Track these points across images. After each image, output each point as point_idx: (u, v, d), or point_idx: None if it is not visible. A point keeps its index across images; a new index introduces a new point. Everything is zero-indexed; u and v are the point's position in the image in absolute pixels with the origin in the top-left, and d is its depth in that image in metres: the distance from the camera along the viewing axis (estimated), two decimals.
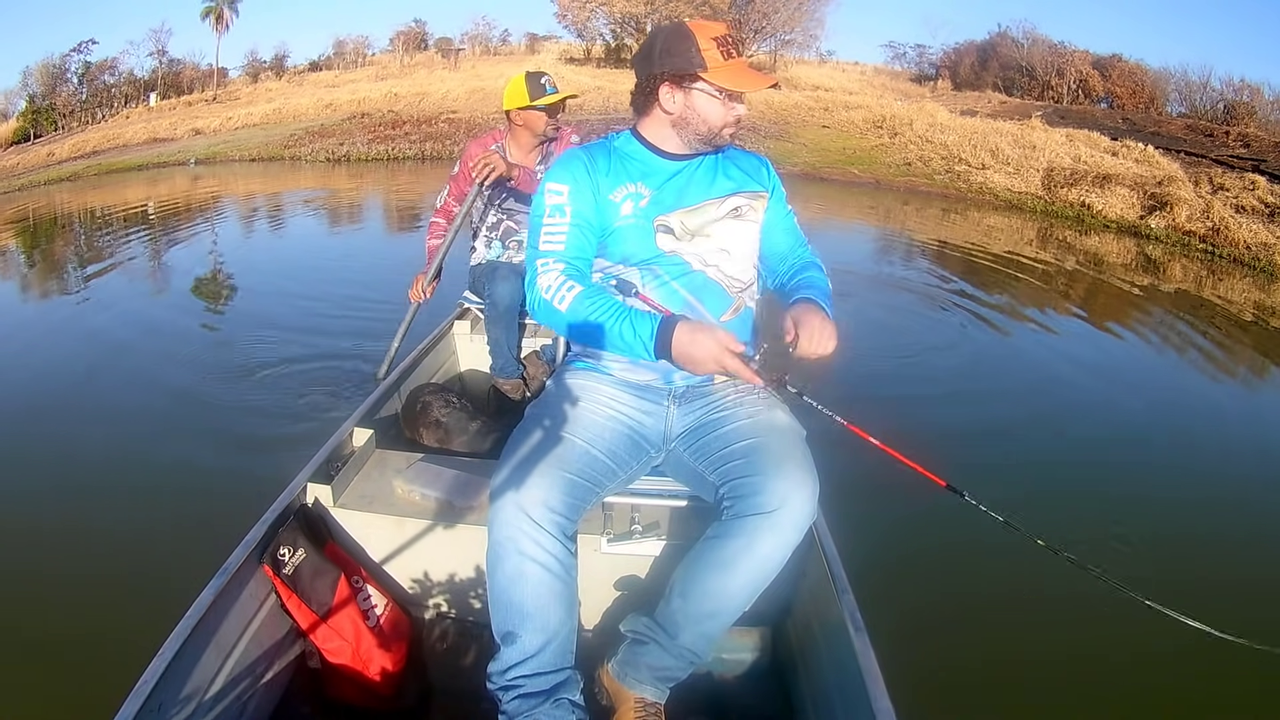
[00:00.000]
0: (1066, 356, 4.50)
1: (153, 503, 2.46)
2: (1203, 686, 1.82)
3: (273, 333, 4.22)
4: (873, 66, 32.97)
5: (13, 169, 18.82)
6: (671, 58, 1.23)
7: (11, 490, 2.59)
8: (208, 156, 16.16)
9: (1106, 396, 3.81)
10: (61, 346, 4.37)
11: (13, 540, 2.27)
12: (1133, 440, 3.25)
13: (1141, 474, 2.94)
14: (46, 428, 3.09)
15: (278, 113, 21.37)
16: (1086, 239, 9.15)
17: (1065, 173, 11.36)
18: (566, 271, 1.24)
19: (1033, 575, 2.06)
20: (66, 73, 29.21)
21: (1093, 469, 2.92)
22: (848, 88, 24.60)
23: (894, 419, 2.71)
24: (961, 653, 1.88)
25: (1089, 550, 1.90)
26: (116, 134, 21.34)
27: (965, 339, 4.74)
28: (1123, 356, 4.69)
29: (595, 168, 1.30)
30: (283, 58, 36.14)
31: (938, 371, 4.00)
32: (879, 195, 11.96)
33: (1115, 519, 2.47)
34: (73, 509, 2.44)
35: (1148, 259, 8.25)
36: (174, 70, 32.98)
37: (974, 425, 3.27)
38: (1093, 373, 4.21)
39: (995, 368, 4.34)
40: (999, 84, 26.25)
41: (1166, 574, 2.18)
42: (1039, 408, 3.56)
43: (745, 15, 27.05)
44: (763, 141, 14.53)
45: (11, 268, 7.30)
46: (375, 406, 1.84)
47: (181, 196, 11.55)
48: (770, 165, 1.44)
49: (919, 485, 1.23)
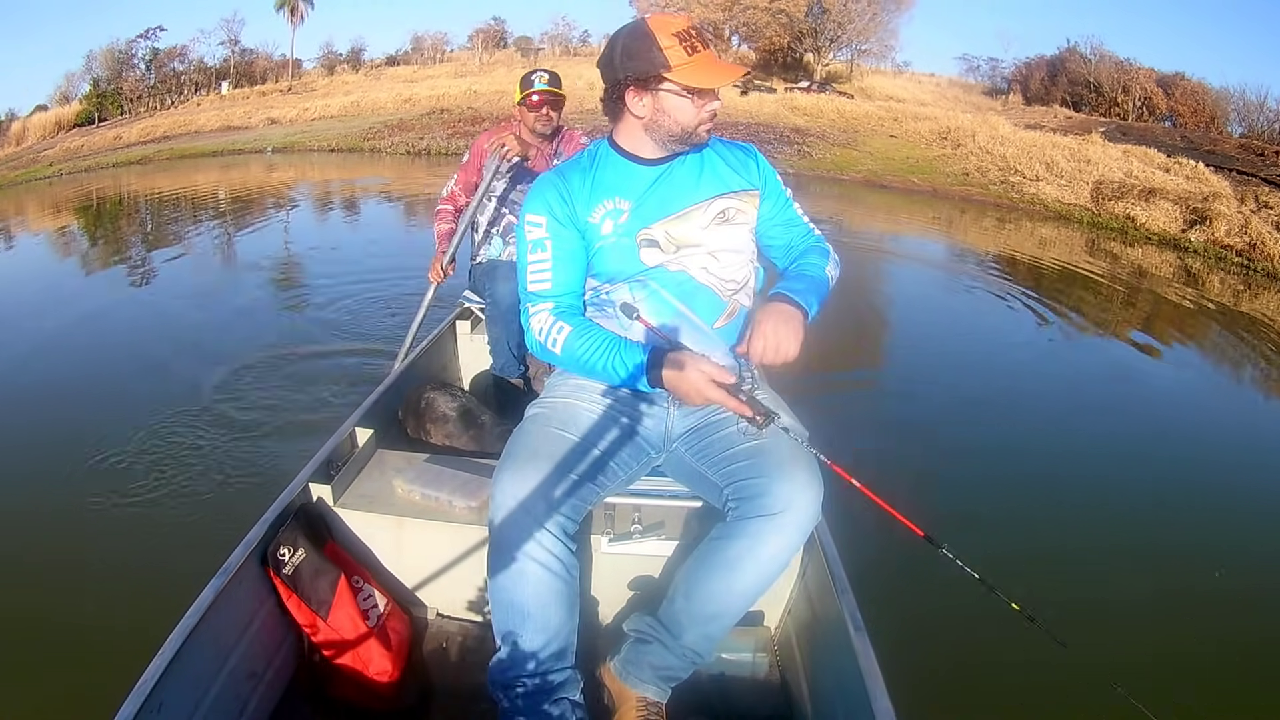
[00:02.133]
0: (1123, 372, 4.54)
1: (153, 502, 2.46)
2: (1204, 686, 1.83)
3: (300, 326, 4.24)
4: (948, 79, 33.13)
5: (77, 150, 19.17)
6: (632, 60, 1.16)
7: (12, 489, 2.59)
8: (285, 145, 16.56)
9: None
10: (69, 334, 4.38)
11: (13, 540, 2.27)
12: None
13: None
14: (48, 425, 3.09)
15: (356, 105, 21.66)
16: (1130, 250, 9.37)
17: (1114, 186, 11.62)
18: (555, 311, 1.23)
19: (1034, 575, 2.07)
20: (133, 58, 29.68)
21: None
22: (921, 99, 25.01)
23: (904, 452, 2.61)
24: (961, 653, 1.88)
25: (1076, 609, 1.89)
26: (188, 120, 21.71)
27: (1013, 341, 4.77)
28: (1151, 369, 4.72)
29: (570, 192, 1.25)
30: (359, 51, 36.69)
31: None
32: (936, 203, 12.28)
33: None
34: (73, 509, 2.43)
35: (1187, 271, 8.35)
36: (246, 60, 33.34)
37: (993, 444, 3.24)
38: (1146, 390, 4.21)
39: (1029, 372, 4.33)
40: (1067, 99, 26.50)
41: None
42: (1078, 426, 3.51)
43: (821, 24, 27.35)
44: (830, 149, 14.92)
45: (66, 248, 7.48)
46: (376, 405, 1.83)
47: (255, 183, 11.85)
48: (759, 155, 1.37)
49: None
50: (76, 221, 9.27)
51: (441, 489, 1.49)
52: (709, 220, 1.27)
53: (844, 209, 11.04)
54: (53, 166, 16.05)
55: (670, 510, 1.44)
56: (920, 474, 2.66)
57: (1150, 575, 2.32)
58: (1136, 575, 2.31)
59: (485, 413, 1.98)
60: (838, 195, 12.01)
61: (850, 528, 1.44)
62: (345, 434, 1.61)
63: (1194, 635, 2.04)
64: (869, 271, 6.80)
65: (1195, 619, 2.12)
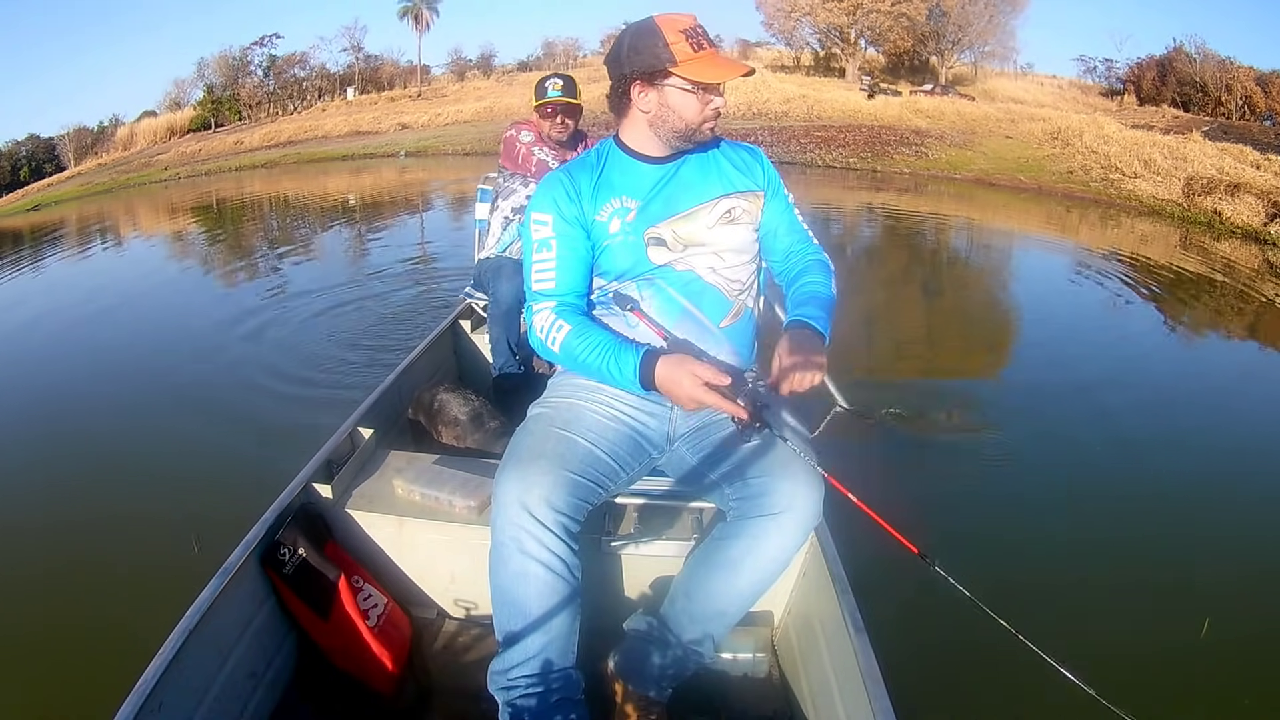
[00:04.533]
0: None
1: (153, 501, 2.46)
2: (1206, 683, 1.83)
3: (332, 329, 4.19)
4: (1068, 80, 33.30)
5: (195, 155, 19.61)
6: (639, 55, 1.19)
7: (12, 490, 2.58)
8: (418, 150, 16.86)
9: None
10: (69, 337, 4.37)
11: (13, 540, 2.26)
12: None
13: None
14: (50, 424, 3.10)
15: (489, 110, 21.87)
16: (1218, 244, 9.54)
17: (1203, 182, 11.85)
18: (557, 310, 1.24)
19: (1033, 575, 2.06)
20: (249, 64, 30.30)
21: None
22: (1041, 100, 25.20)
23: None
24: (962, 653, 1.88)
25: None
26: (314, 125, 22.16)
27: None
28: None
29: (578, 190, 1.26)
30: (489, 57, 37.36)
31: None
32: (1041, 199, 12.55)
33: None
34: (73, 509, 2.43)
35: (1270, 265, 8.35)
36: (372, 66, 33.85)
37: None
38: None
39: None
40: (1176, 99, 26.82)
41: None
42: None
43: (942, 27, 27.76)
44: (946, 150, 15.04)
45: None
46: (377, 404, 1.83)
47: (386, 185, 12.21)
48: (764, 157, 1.38)
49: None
50: (193, 221, 9.51)
51: (442, 489, 1.49)
52: (715, 219, 1.28)
53: (956, 207, 11.27)
54: (168, 170, 16.39)
55: (672, 510, 1.44)
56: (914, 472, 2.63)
57: (1154, 581, 2.29)
58: (1139, 581, 2.29)
59: (495, 418, 1.97)
60: (950, 194, 12.11)
61: (850, 528, 1.44)
62: (346, 433, 1.61)
63: (1198, 653, 1.98)
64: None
65: (1200, 636, 2.06)
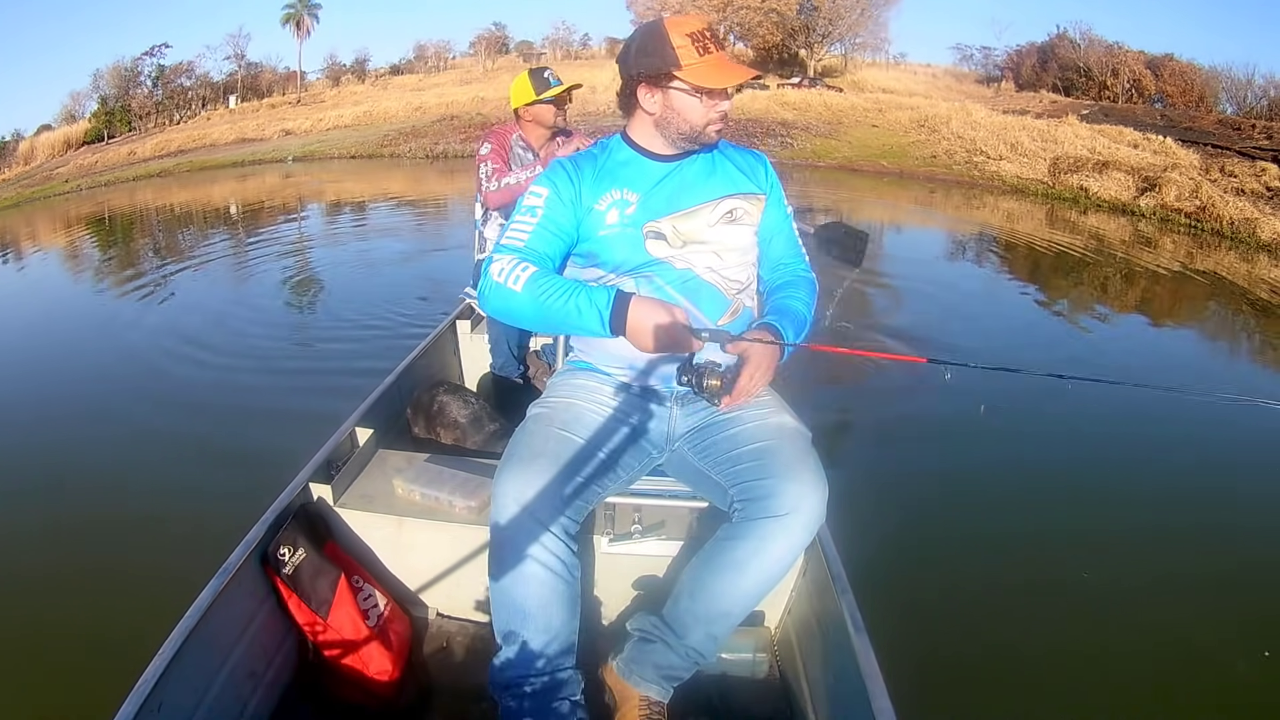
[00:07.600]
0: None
1: (153, 502, 2.46)
2: (1206, 683, 1.82)
3: (302, 329, 4.23)
4: (943, 68, 33.53)
5: (91, 167, 19.78)
6: (646, 57, 1.19)
7: (12, 490, 2.58)
8: (304, 155, 17.33)
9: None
10: (74, 342, 4.37)
11: (13, 541, 2.26)
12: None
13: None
14: (51, 425, 3.09)
15: (368, 115, 22.40)
16: (1084, 218, 10.21)
17: (1070, 161, 12.56)
18: (523, 255, 1.19)
19: (1033, 575, 2.07)
20: (140, 75, 30.29)
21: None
22: (913, 90, 25.45)
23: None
24: (962, 653, 1.88)
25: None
26: (202, 134, 22.46)
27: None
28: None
29: (580, 176, 1.26)
30: (364, 61, 37.03)
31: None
32: (903, 183, 13.22)
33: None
34: (72, 509, 2.43)
35: (1139, 234, 9.16)
36: (253, 74, 33.80)
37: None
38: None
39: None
40: (1058, 84, 26.88)
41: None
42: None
43: (813, 21, 28.07)
44: (811, 139, 15.71)
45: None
46: (377, 405, 1.83)
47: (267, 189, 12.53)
48: (768, 163, 1.39)
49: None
50: (88, 234, 9.49)
51: (442, 489, 1.49)
52: (717, 218, 1.28)
53: (822, 191, 11.68)
54: (69, 183, 16.57)
55: (672, 510, 1.44)
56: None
57: (1153, 569, 2.30)
58: (1140, 576, 2.30)
59: (494, 418, 1.98)
60: (816, 180, 12.62)
61: (850, 528, 1.44)
62: (345, 433, 1.61)
63: (1200, 653, 1.99)
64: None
65: (1204, 632, 2.07)
